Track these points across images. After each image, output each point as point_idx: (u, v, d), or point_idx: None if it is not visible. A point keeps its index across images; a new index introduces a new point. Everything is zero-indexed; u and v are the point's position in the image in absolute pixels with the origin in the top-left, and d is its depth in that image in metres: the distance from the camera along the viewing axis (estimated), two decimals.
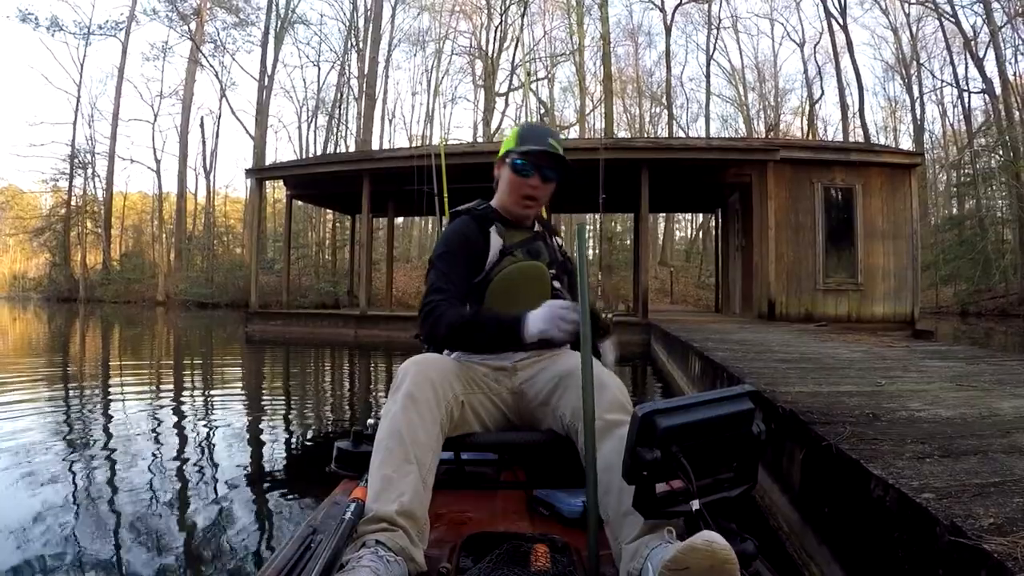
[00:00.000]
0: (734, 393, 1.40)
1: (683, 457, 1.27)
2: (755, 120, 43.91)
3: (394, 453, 1.56)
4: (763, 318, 12.15)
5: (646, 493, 1.30)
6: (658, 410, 1.28)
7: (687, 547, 1.16)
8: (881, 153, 14.24)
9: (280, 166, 18.59)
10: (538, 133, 2.10)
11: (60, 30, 39.64)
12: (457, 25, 43.69)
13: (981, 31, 31.55)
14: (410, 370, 1.72)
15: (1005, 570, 1.11)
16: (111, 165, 40.95)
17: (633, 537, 1.41)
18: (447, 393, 1.73)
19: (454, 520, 1.90)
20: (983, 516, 1.33)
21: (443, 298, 1.92)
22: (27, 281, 47.32)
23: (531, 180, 2.04)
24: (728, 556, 1.14)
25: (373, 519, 1.45)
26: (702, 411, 1.33)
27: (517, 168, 2.04)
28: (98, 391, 6.98)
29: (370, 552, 1.35)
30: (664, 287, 32.07)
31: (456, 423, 1.78)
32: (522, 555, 1.51)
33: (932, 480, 1.57)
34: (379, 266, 22.14)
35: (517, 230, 2.10)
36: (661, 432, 1.26)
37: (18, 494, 3.35)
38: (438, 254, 2.03)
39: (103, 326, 19.57)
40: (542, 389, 1.89)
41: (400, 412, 1.62)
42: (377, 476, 1.55)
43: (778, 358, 4.61)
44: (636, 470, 1.28)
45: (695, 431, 1.30)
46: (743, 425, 1.37)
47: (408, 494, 1.49)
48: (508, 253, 2.02)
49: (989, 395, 2.95)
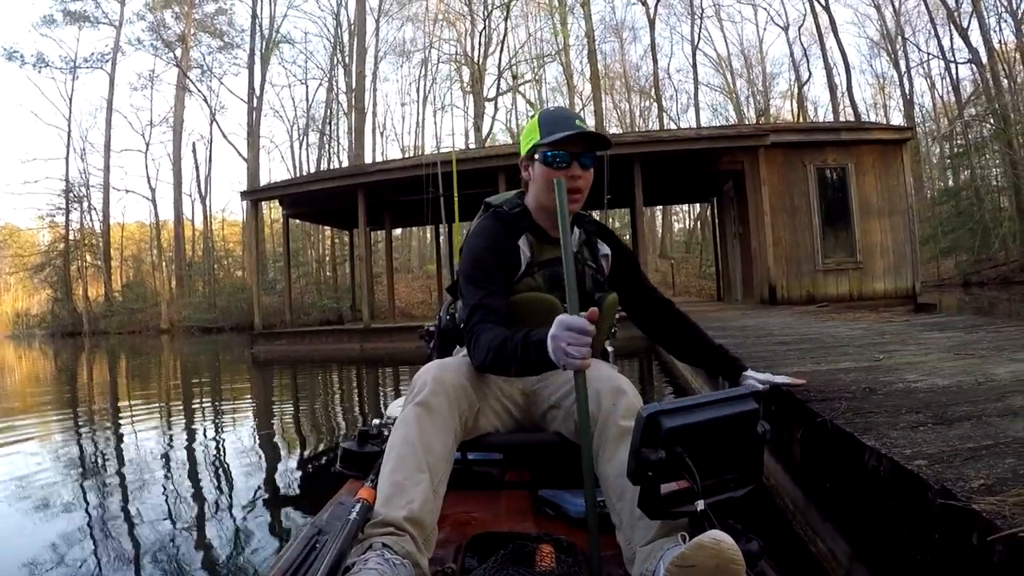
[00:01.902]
0: (739, 393, 1.40)
1: (688, 457, 1.28)
2: (745, 106, 44.01)
3: (406, 460, 1.56)
4: (765, 303, 12.19)
5: (651, 493, 1.31)
6: (663, 411, 1.29)
7: (695, 545, 1.18)
8: (871, 130, 14.26)
9: (274, 186, 18.62)
10: (563, 117, 1.91)
11: (46, 66, 40.01)
12: (441, 33, 43.84)
13: (963, 1, 31.59)
14: (427, 379, 1.70)
15: (994, 527, 1.13)
16: (106, 197, 41.17)
17: (648, 540, 1.42)
18: (462, 403, 1.71)
19: (459, 520, 1.91)
20: (974, 478, 1.35)
21: (480, 319, 1.79)
22: (30, 318, 47.27)
23: (570, 171, 1.85)
24: (734, 556, 1.16)
25: (380, 523, 1.45)
26: (706, 411, 1.33)
27: (550, 161, 1.86)
28: (108, 419, 7.01)
29: (376, 555, 1.34)
30: (666, 279, 32.03)
31: (469, 431, 1.77)
32: (527, 555, 1.51)
33: (925, 447, 1.59)
34: (380, 279, 22.17)
35: (548, 243, 1.96)
36: (666, 433, 1.27)
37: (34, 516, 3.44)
38: (471, 256, 1.92)
39: (109, 357, 19.60)
40: (554, 392, 1.86)
41: (415, 421, 1.62)
42: (388, 481, 1.54)
43: (777, 341, 4.63)
44: (641, 471, 1.28)
45: (700, 431, 1.31)
46: (748, 425, 1.38)
47: (418, 502, 1.49)
48: (530, 271, 1.93)
49: (986, 362, 2.96)
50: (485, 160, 14.20)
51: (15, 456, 5.02)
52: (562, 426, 1.82)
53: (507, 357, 1.65)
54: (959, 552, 1.24)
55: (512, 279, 1.91)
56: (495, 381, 1.86)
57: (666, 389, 6.95)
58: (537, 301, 1.88)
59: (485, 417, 1.82)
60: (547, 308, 1.84)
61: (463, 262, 1.95)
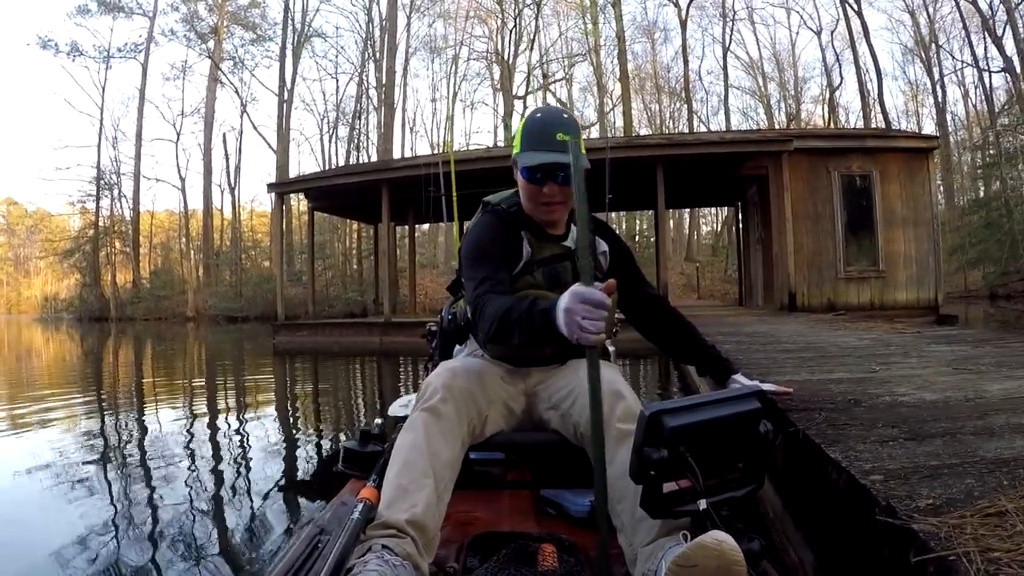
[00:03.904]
0: (741, 393, 1.41)
1: (690, 457, 1.29)
2: (776, 110, 43.66)
3: (412, 465, 1.56)
4: (784, 310, 12.08)
5: (653, 492, 1.31)
6: (665, 410, 1.29)
7: (696, 545, 1.18)
8: (897, 138, 14.11)
9: (300, 179, 18.80)
10: (545, 131, 1.88)
11: (80, 55, 40.66)
12: (472, 30, 43.93)
13: (998, 10, 31.11)
14: (437, 386, 1.71)
15: (928, 548, 1.15)
16: (137, 185, 41.85)
17: (649, 541, 1.43)
18: (471, 411, 1.72)
19: (461, 520, 1.91)
20: (924, 497, 1.36)
21: (487, 289, 1.77)
22: (58, 302, 48.12)
23: (545, 188, 1.89)
24: (736, 556, 1.16)
25: (382, 524, 1.45)
26: (709, 411, 1.33)
27: (527, 177, 1.90)
28: (133, 405, 7.22)
29: (376, 556, 1.34)
30: (691, 282, 31.94)
31: (476, 438, 1.78)
32: (529, 555, 1.52)
33: (887, 462, 1.61)
34: (405, 273, 22.27)
35: (547, 242, 2.00)
36: (668, 432, 1.27)
37: (59, 505, 3.52)
38: (473, 244, 1.93)
39: (135, 343, 19.96)
40: (555, 393, 1.87)
41: (423, 426, 1.62)
42: (392, 484, 1.54)
43: (781, 348, 4.62)
44: (643, 470, 1.29)
45: (702, 431, 1.31)
46: (750, 425, 1.38)
47: (421, 506, 1.49)
48: (528, 269, 1.95)
49: (982, 378, 2.94)
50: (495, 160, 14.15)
51: (39, 439, 5.17)
52: (561, 428, 1.83)
53: (511, 325, 1.62)
54: (901, 571, 1.26)
55: (513, 269, 1.92)
56: (499, 381, 1.88)
57: (673, 387, 6.95)
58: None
59: (492, 422, 1.83)
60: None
61: (465, 251, 1.96)
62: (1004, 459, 1.60)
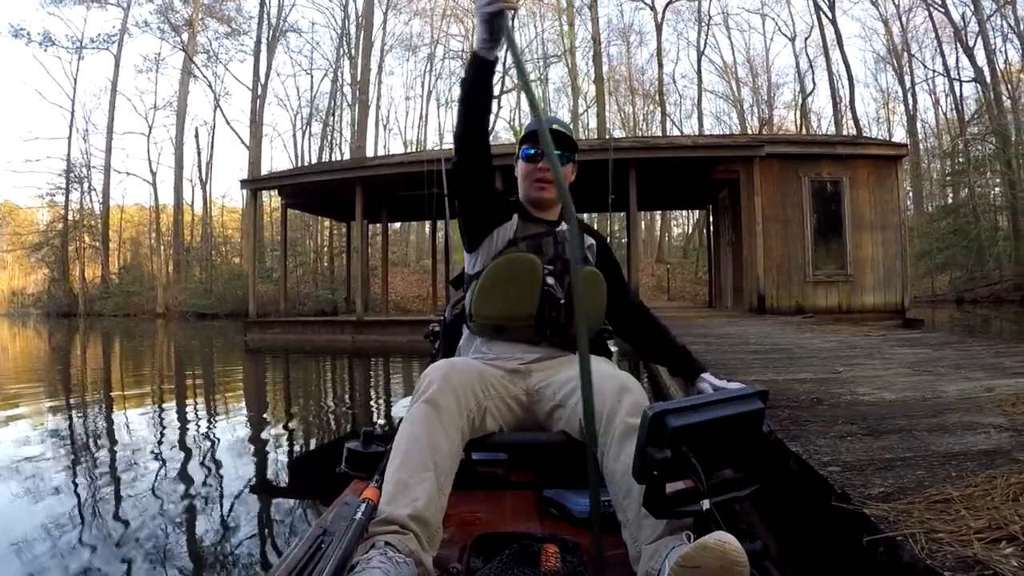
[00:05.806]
0: (744, 393, 1.42)
1: (693, 457, 1.29)
2: (748, 115, 44.04)
3: (412, 458, 1.56)
4: (753, 312, 12.29)
5: (656, 493, 1.31)
6: (668, 410, 1.29)
7: (699, 546, 1.19)
8: (867, 145, 14.36)
9: (274, 176, 18.69)
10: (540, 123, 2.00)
11: (52, 45, 39.68)
12: (448, 28, 43.82)
13: (970, 21, 31.73)
14: (434, 378, 1.72)
15: (878, 530, 1.23)
16: (107, 178, 41.12)
17: (653, 539, 1.43)
18: (469, 402, 1.74)
19: (464, 520, 1.91)
20: (877, 486, 1.45)
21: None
22: (26, 297, 47.17)
23: (540, 164, 2.05)
24: (739, 557, 1.16)
25: (385, 521, 1.45)
26: (712, 411, 1.33)
27: (525, 157, 2.09)
28: (101, 404, 7.08)
29: (379, 553, 1.34)
30: (661, 284, 32.14)
31: (475, 431, 1.78)
32: (532, 555, 1.51)
33: (845, 455, 1.69)
34: (377, 272, 22.22)
35: (533, 223, 2.10)
36: (671, 432, 1.27)
37: (24, 507, 3.42)
38: None
39: (104, 340, 19.66)
40: (557, 391, 1.88)
41: (422, 418, 1.63)
42: (393, 479, 1.54)
43: (750, 350, 4.73)
44: (646, 470, 1.28)
45: (705, 431, 1.31)
46: (753, 425, 1.40)
47: (422, 500, 1.49)
48: (514, 243, 2.03)
49: (940, 379, 3.06)
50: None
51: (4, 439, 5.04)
52: (567, 425, 1.84)
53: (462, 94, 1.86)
54: (853, 552, 1.34)
55: (500, 221, 2.06)
56: (500, 380, 1.91)
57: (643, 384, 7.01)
58: (519, 259, 1.98)
59: (491, 416, 1.84)
60: (528, 266, 1.97)
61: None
62: (954, 453, 1.70)
